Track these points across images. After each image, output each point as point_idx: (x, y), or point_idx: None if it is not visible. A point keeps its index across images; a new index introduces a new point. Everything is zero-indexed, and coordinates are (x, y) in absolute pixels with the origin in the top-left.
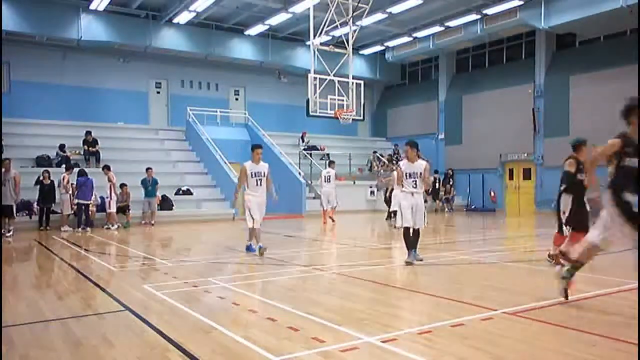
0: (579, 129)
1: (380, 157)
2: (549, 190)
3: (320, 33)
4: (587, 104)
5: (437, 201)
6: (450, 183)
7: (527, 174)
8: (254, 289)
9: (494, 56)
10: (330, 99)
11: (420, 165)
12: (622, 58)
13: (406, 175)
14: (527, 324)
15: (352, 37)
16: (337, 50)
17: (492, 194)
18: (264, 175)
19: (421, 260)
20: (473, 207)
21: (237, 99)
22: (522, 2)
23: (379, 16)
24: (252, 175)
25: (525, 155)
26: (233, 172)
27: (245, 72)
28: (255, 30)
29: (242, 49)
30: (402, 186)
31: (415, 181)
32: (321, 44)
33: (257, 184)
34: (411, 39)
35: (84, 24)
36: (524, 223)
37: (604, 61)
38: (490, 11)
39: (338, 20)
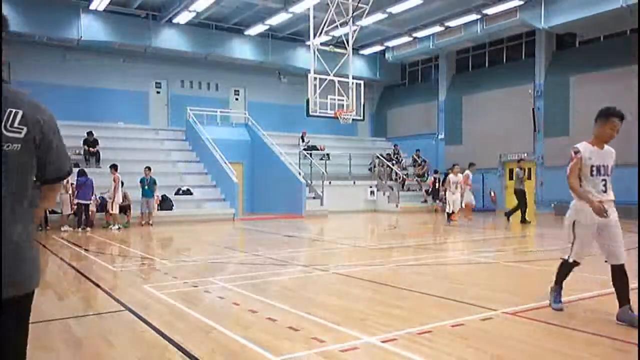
0: (579, 130)
1: (380, 156)
2: (549, 191)
3: (320, 33)
4: (587, 104)
5: (438, 201)
6: None
7: (527, 174)
8: (254, 288)
9: (494, 56)
10: (330, 99)
11: (611, 153)
12: (622, 58)
13: (593, 171)
14: (527, 324)
15: (352, 37)
16: (337, 50)
17: (492, 194)
18: None
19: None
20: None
21: (237, 99)
22: (522, 2)
23: (378, 16)
24: None
25: (526, 155)
26: (234, 172)
27: (245, 72)
28: (255, 30)
29: (242, 49)
30: (580, 189)
31: (606, 180)
32: (321, 44)
33: None
34: (411, 39)
35: (84, 24)
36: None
37: (605, 61)
38: (490, 11)
39: (338, 20)
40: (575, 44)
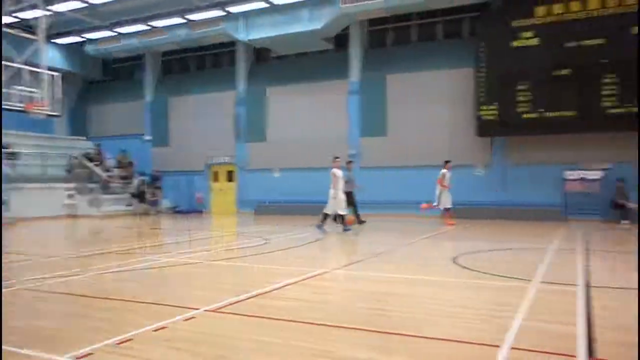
0: (276, 137)
1: (80, 157)
2: (249, 192)
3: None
4: (281, 113)
5: (143, 204)
6: (157, 185)
7: (230, 177)
8: None
9: (200, 61)
10: (19, 89)
11: None
12: (311, 74)
13: None
14: (227, 319)
15: (45, 23)
16: (25, 35)
17: (199, 195)
18: None
19: None
20: (180, 209)
21: None
22: (224, 13)
23: (76, 4)
24: None
25: (227, 158)
26: None
27: None
28: None
29: None
30: None
31: None
32: (6, 25)
33: None
34: (114, 34)
35: None
36: (227, 223)
37: (296, 76)
38: (194, 17)
39: (26, 1)
40: (269, 58)
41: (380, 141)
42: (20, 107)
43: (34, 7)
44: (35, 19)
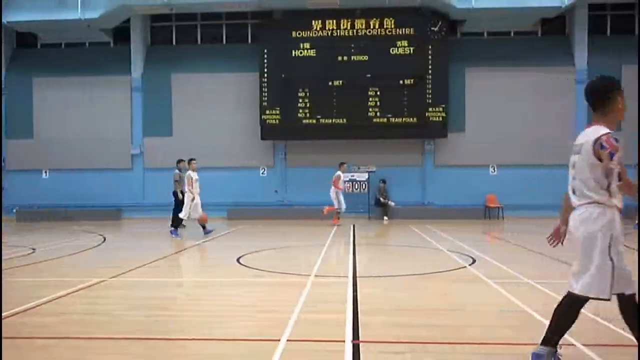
0: (45, 134)
1: None
2: (12, 195)
3: None
4: (52, 108)
5: None
6: None
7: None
8: None
9: None
10: None
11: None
12: (88, 67)
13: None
14: None
15: None
16: None
17: None
18: None
19: None
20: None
21: None
22: None
23: None
24: None
25: None
26: None
27: None
28: None
29: None
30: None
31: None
32: None
33: None
34: None
35: None
36: None
37: (69, 68)
38: None
39: None
40: (37, 45)
41: (165, 141)
42: None
43: None
44: None
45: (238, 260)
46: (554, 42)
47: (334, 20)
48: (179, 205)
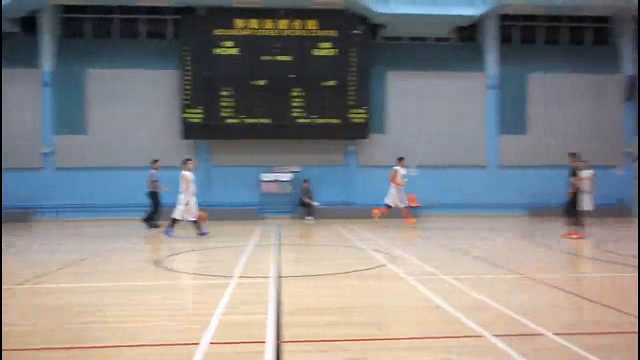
0: None
1: None
2: None
3: None
4: None
5: None
6: None
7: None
8: None
9: None
10: None
11: None
12: None
13: None
14: None
15: None
16: None
17: None
18: None
19: None
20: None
21: None
22: None
23: None
24: None
25: None
26: None
27: None
28: None
29: None
30: None
31: None
32: None
33: None
34: None
35: None
36: None
37: None
38: None
39: None
40: None
41: (80, 140)
42: None
43: None
44: None
45: (159, 263)
46: (467, 49)
47: (258, 20)
48: (155, 205)
